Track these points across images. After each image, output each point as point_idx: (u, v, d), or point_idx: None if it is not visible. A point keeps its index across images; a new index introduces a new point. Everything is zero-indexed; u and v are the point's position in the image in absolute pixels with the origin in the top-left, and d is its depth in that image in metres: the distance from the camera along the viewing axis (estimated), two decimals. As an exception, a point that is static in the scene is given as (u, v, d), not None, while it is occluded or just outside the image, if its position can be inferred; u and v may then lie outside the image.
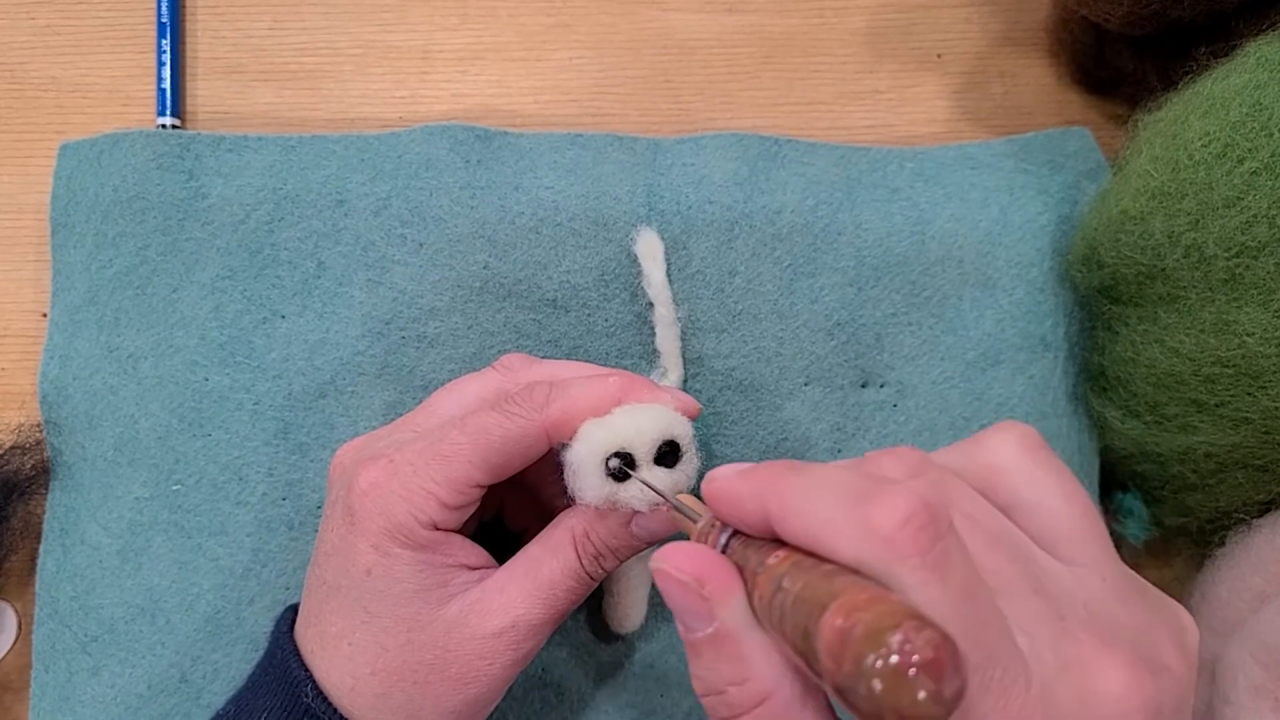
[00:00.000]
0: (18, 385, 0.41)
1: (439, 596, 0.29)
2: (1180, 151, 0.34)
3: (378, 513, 0.29)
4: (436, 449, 0.29)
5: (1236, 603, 0.37)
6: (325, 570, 0.30)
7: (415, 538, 0.29)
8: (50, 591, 0.38)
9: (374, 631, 0.29)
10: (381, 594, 0.29)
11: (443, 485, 0.29)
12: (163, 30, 0.43)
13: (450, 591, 0.30)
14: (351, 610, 0.29)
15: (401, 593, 0.29)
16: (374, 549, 0.29)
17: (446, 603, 0.29)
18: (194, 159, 0.40)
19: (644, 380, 0.32)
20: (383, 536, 0.29)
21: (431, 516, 0.29)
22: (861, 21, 0.45)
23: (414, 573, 0.29)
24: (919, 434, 0.40)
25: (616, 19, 0.45)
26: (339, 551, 0.30)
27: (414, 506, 0.29)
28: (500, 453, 0.30)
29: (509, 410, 0.30)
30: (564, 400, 0.30)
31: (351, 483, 0.30)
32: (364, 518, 0.29)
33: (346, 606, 0.29)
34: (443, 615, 0.29)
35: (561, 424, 0.30)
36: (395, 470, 0.29)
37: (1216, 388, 0.34)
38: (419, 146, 0.40)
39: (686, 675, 0.39)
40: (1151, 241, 0.35)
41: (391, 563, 0.29)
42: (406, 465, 0.29)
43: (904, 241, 0.40)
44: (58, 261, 0.40)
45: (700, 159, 0.40)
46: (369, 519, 0.29)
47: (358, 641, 0.29)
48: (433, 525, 0.29)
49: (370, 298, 0.39)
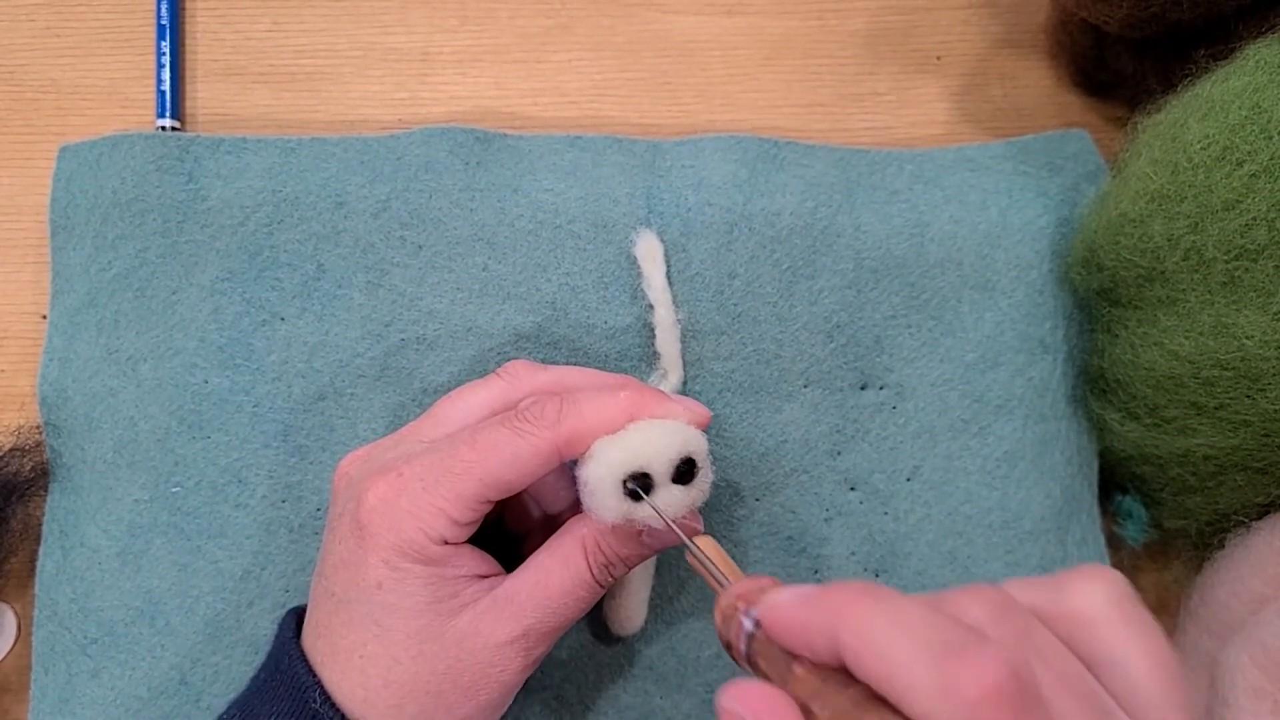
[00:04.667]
0: (17, 387, 0.41)
1: (450, 608, 0.29)
2: (1179, 154, 0.34)
3: (388, 529, 0.29)
4: (447, 465, 0.29)
5: (1235, 605, 0.37)
6: (334, 583, 0.30)
7: (426, 553, 0.29)
8: (50, 594, 0.38)
9: (386, 644, 0.29)
10: (393, 608, 0.29)
11: (453, 502, 0.29)
12: (162, 32, 0.43)
13: (462, 602, 0.30)
14: (363, 624, 0.29)
15: (413, 606, 0.29)
16: (384, 564, 0.29)
17: (458, 613, 0.29)
18: (193, 161, 0.40)
19: (654, 392, 0.32)
20: (393, 552, 0.29)
21: (441, 533, 0.29)
22: (861, 23, 0.45)
23: (425, 586, 0.29)
24: (918, 436, 0.40)
25: (616, 21, 0.45)
26: (348, 565, 0.30)
27: (424, 523, 0.29)
28: (511, 470, 0.29)
29: (519, 428, 0.30)
30: (575, 418, 0.30)
31: (361, 497, 0.30)
32: (374, 533, 0.29)
33: (357, 620, 0.29)
34: (454, 626, 0.29)
35: (573, 442, 0.30)
36: (405, 486, 0.29)
37: (1215, 390, 0.34)
38: (418, 149, 0.40)
39: (686, 678, 0.39)
40: (1151, 244, 0.35)
41: (403, 577, 0.29)
42: (416, 481, 0.29)
43: (903, 244, 0.40)
44: (57, 264, 0.40)
45: (699, 161, 0.40)
46: (379, 535, 0.29)
47: (370, 654, 0.29)
48: (443, 541, 0.29)
49: (370, 300, 0.39)
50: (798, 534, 0.39)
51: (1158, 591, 0.43)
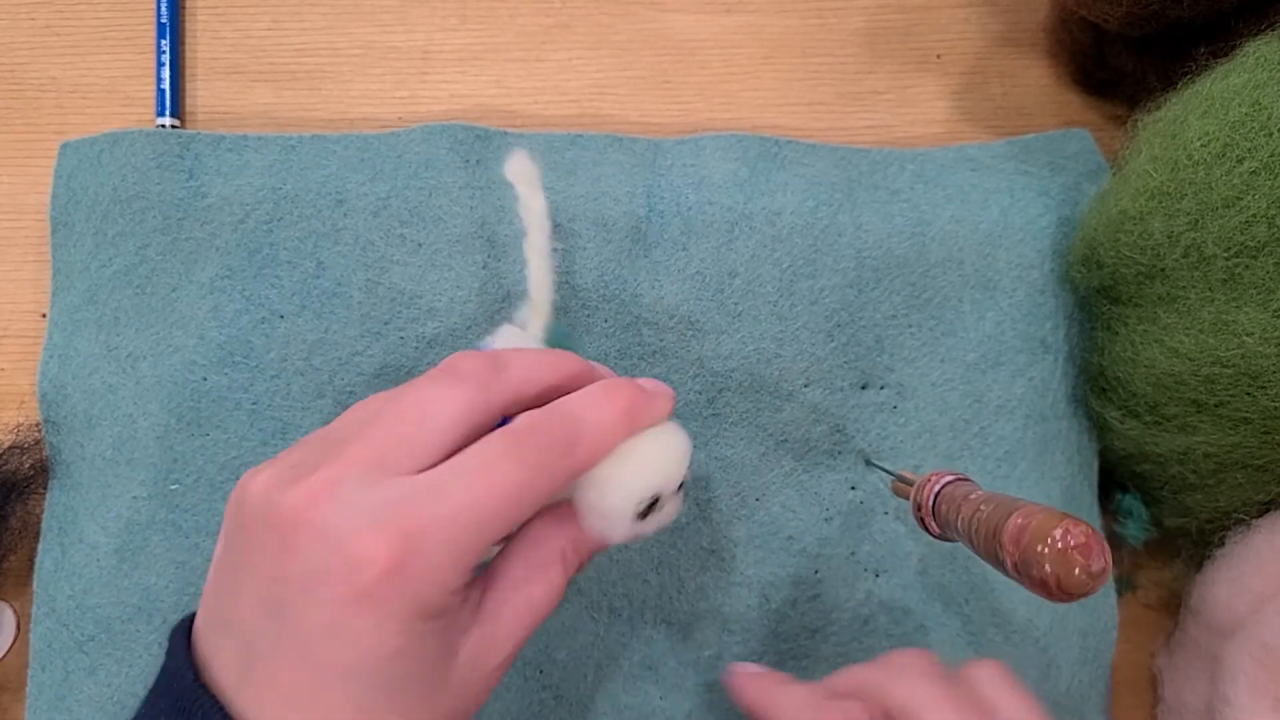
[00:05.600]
0: (17, 385, 0.41)
1: (453, 647, 0.28)
2: (1179, 151, 0.34)
3: (409, 596, 0.26)
4: (459, 518, 0.26)
5: (1236, 603, 0.37)
6: (318, 648, 0.26)
7: (445, 608, 0.27)
8: (48, 591, 0.38)
9: (395, 704, 0.27)
10: (408, 674, 0.27)
11: (474, 552, 0.27)
12: (162, 30, 0.43)
13: (459, 632, 0.28)
14: (360, 693, 0.26)
15: (427, 662, 0.27)
16: (402, 633, 0.26)
17: (457, 653, 0.28)
18: (194, 158, 0.40)
19: (642, 394, 0.30)
20: (413, 620, 0.26)
21: (460, 585, 0.27)
22: (861, 22, 0.45)
23: (440, 639, 0.27)
24: (919, 436, 0.40)
25: (615, 19, 0.45)
26: (338, 632, 0.26)
27: (446, 581, 0.26)
28: (530, 509, 0.27)
29: (532, 461, 0.27)
30: (589, 447, 0.28)
31: (361, 560, 0.25)
32: (385, 600, 0.25)
33: (355, 693, 0.26)
34: (456, 664, 0.28)
35: (587, 469, 0.28)
36: (418, 549, 0.26)
37: (1216, 388, 0.34)
38: (418, 146, 0.40)
39: (685, 677, 0.39)
40: (1151, 241, 0.34)
41: (424, 640, 0.26)
42: (434, 540, 0.26)
43: (904, 243, 0.40)
44: (57, 261, 0.40)
45: (700, 160, 0.40)
46: (392, 603, 0.26)
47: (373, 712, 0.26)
48: (460, 587, 0.27)
49: (369, 298, 0.39)
50: (798, 534, 0.39)
51: (1158, 590, 0.43)
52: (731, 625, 0.39)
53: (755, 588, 0.39)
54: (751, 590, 0.39)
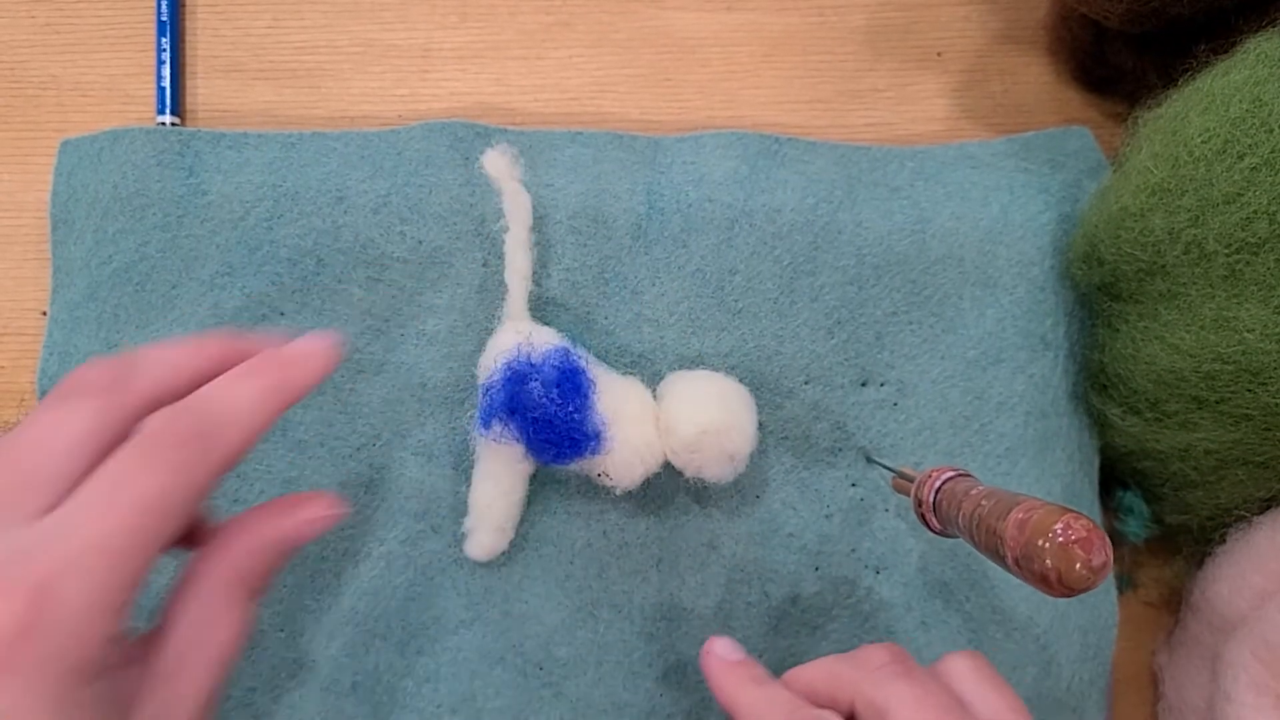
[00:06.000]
0: (17, 384, 0.41)
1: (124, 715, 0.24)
2: (1180, 148, 0.34)
3: (52, 657, 0.22)
4: (92, 551, 0.23)
5: (1237, 600, 0.37)
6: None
7: (100, 663, 0.23)
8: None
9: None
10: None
11: (118, 589, 0.23)
12: (162, 28, 0.43)
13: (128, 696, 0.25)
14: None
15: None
16: (52, 702, 0.22)
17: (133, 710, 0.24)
18: (194, 156, 0.40)
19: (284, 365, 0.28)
20: (64, 685, 0.22)
21: (114, 629, 0.23)
22: (861, 20, 0.45)
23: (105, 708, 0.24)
24: (919, 433, 0.40)
25: (616, 17, 0.45)
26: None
27: (92, 632, 0.23)
28: (181, 513, 0.25)
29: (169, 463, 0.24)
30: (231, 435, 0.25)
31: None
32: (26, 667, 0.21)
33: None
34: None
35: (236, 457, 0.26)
36: (52, 600, 0.22)
37: (1217, 384, 0.34)
38: (418, 144, 0.40)
39: (686, 676, 0.39)
40: (1151, 238, 0.34)
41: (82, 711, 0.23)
42: (63, 589, 0.22)
43: (904, 240, 0.40)
44: (58, 258, 0.40)
45: (700, 157, 0.40)
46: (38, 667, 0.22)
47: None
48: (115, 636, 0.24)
49: (369, 295, 0.39)
50: (798, 530, 0.39)
51: (1159, 587, 0.43)
52: (732, 622, 0.39)
53: (755, 584, 0.39)
54: (752, 587, 0.39)
